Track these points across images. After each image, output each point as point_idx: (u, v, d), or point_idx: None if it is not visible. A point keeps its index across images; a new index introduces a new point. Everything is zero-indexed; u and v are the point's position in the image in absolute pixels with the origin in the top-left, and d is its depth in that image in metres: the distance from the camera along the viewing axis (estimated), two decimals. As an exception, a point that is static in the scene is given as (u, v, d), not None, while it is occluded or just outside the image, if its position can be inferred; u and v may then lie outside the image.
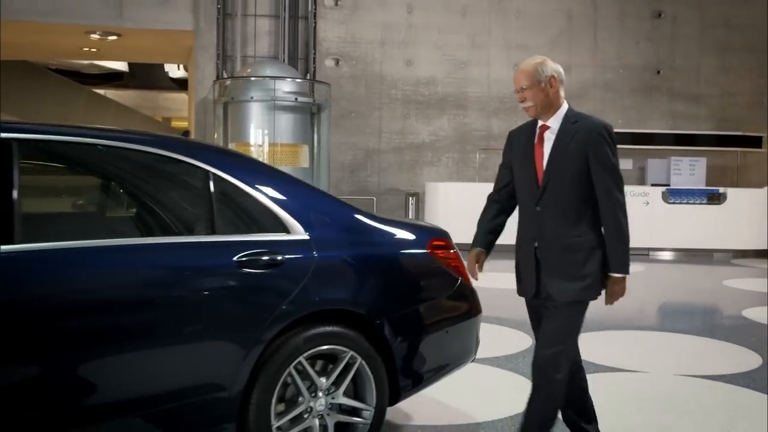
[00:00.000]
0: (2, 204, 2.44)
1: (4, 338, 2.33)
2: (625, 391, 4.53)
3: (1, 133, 2.55)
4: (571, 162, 3.03)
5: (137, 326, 2.63)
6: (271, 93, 11.40)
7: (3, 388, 2.36)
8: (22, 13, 12.83)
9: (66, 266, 2.52)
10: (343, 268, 3.13)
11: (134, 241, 2.83)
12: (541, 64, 3.11)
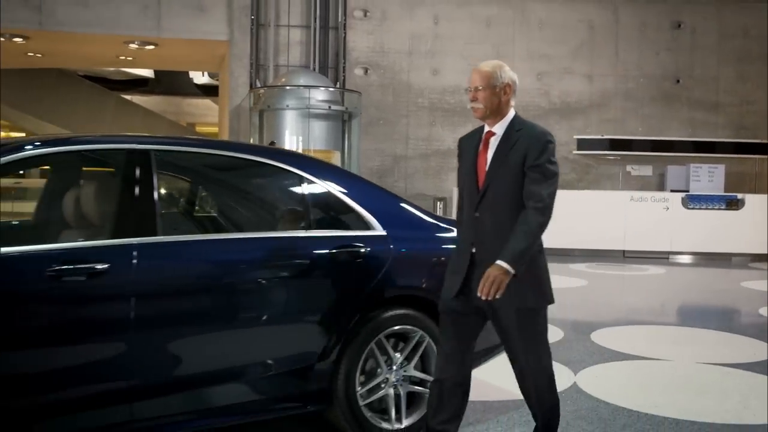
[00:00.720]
0: (148, 204, 3.02)
1: (162, 307, 2.91)
2: (651, 376, 5.05)
3: (142, 145, 3.13)
4: (510, 169, 3.03)
5: (256, 304, 3.21)
6: (306, 101, 11.98)
7: (161, 347, 2.94)
8: (66, 24, 13.48)
9: (203, 254, 3.10)
10: (414, 259, 3.69)
11: (249, 235, 3.41)
12: (500, 69, 3.12)
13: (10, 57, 16.35)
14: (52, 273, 2.72)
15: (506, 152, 3.05)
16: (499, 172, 3.05)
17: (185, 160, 3.36)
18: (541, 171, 2.98)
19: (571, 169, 14.55)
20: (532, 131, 3.09)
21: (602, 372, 5.08)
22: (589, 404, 4.34)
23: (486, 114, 3.13)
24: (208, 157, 3.39)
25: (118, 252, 2.87)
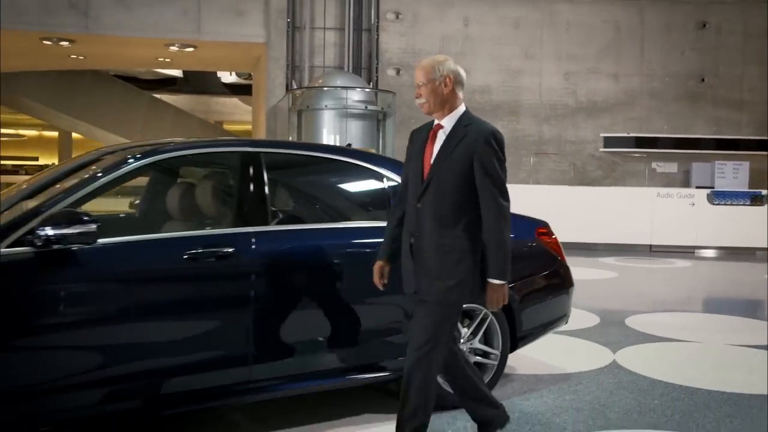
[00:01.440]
0: (261, 197, 3.59)
1: (275, 283, 3.49)
2: (682, 355, 5.57)
3: (253, 148, 3.71)
4: (454, 164, 3.08)
5: (347, 283, 3.78)
6: (343, 102, 12.54)
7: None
8: (110, 28, 14.13)
9: (306, 240, 3.68)
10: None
11: (339, 225, 3.99)
12: (439, 63, 3.18)
13: (54, 59, 17.08)
14: (190, 255, 3.30)
15: (452, 147, 3.10)
16: (444, 166, 3.10)
17: (288, 161, 3.93)
18: (491, 173, 3.05)
19: (598, 166, 15.03)
20: (481, 128, 3.13)
21: (638, 351, 5.61)
22: (628, 378, 4.87)
23: (431, 108, 3.20)
24: (305, 158, 3.98)
25: (241, 238, 3.45)
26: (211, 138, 3.73)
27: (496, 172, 3.06)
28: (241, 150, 3.68)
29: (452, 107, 3.20)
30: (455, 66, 3.21)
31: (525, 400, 4.34)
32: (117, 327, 3.15)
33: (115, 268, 3.15)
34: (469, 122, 3.16)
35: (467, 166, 3.06)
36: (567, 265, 4.76)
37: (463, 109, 3.22)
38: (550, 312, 4.63)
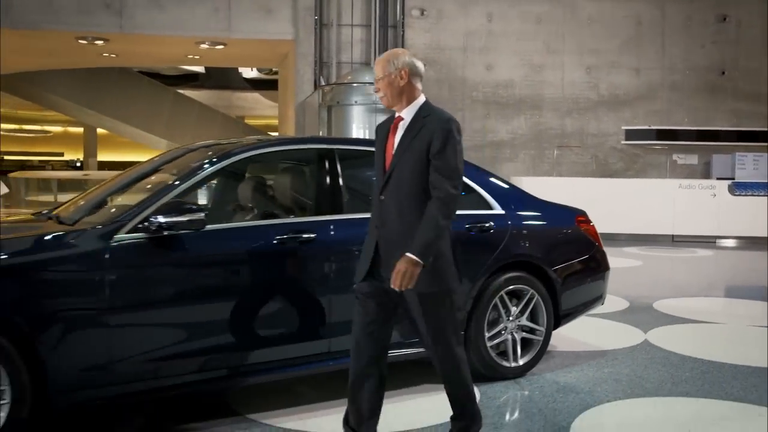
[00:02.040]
0: (336, 189, 4.06)
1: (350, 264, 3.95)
2: (709, 334, 6.00)
3: (328, 145, 4.17)
4: (414, 154, 3.10)
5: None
6: (372, 97, 12.98)
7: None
8: (144, 27, 14.62)
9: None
10: (527, 233, 4.69)
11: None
12: (395, 57, 3.20)
13: (86, 57, 17.64)
14: (279, 240, 3.77)
15: (411, 138, 3.13)
16: (404, 157, 3.13)
17: (356, 156, 4.39)
18: (443, 160, 3.06)
19: (619, 158, 15.41)
20: (438, 118, 3.14)
21: (667, 331, 6.04)
22: (660, 354, 5.30)
23: (390, 101, 3.23)
24: (371, 152, 4.43)
25: (321, 225, 3.92)
26: (291, 136, 4.14)
27: (447, 159, 3.07)
28: (318, 147, 4.16)
29: (411, 99, 3.20)
30: (411, 59, 3.21)
31: (567, 373, 4.78)
32: (217, 303, 3.63)
33: (217, 251, 3.63)
34: (428, 113, 3.17)
35: (425, 157, 3.09)
36: (603, 251, 5.20)
37: (423, 100, 3.23)
38: (588, 293, 5.07)
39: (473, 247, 4.44)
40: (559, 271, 4.76)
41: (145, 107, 24.11)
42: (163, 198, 3.56)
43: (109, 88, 23.22)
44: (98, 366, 3.33)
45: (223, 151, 3.92)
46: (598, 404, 4.18)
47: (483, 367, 4.49)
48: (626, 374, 4.79)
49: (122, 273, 3.38)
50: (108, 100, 23.42)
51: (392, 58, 3.20)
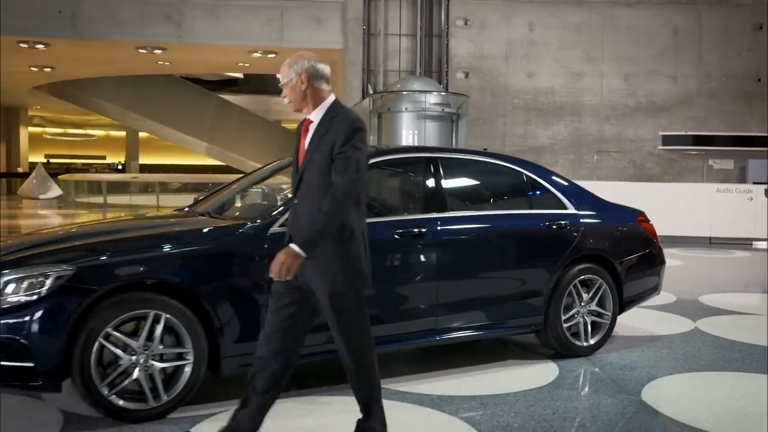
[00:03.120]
0: (441, 192, 4.85)
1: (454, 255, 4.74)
2: (754, 323, 6.69)
3: (433, 153, 4.97)
4: (322, 155, 3.13)
5: (503, 255, 5.02)
6: (421, 105, 13.77)
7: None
8: (201, 37, 15.56)
9: (473, 223, 4.91)
10: (596, 230, 5.45)
11: (497, 212, 5.23)
12: (294, 62, 3.24)
13: (142, 65, 18.60)
14: (398, 233, 4.57)
15: (319, 139, 3.17)
16: (313, 159, 3.17)
17: (455, 162, 5.17)
18: (344, 158, 3.09)
19: (656, 163, 16.08)
20: (343, 118, 3.18)
21: (714, 321, 6.75)
22: (710, 339, 6.03)
23: (297, 105, 3.28)
24: (467, 160, 5.24)
25: (430, 221, 4.70)
26: (403, 146, 4.95)
27: (346, 156, 3.09)
28: (426, 155, 4.96)
29: (318, 101, 3.25)
30: (311, 63, 3.24)
31: (630, 352, 5.52)
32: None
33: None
34: (336, 113, 3.21)
35: (331, 158, 3.13)
36: (660, 247, 5.94)
37: (331, 101, 3.27)
38: (646, 283, 5.81)
39: (552, 242, 5.21)
40: (623, 264, 5.51)
41: (189, 112, 25.07)
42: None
43: (154, 93, 24.22)
44: (256, 336, 4.12)
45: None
46: (661, 377, 4.92)
47: (559, 346, 5.25)
48: (682, 354, 5.52)
49: (277, 259, 4.18)
50: (154, 105, 24.42)
51: (292, 63, 3.24)
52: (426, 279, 4.68)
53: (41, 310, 3.68)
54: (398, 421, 3.97)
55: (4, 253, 4.15)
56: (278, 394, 3.40)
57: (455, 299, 4.78)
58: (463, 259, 4.85)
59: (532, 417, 4.05)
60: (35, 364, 3.67)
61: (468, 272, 4.86)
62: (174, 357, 3.94)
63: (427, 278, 4.68)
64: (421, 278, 4.67)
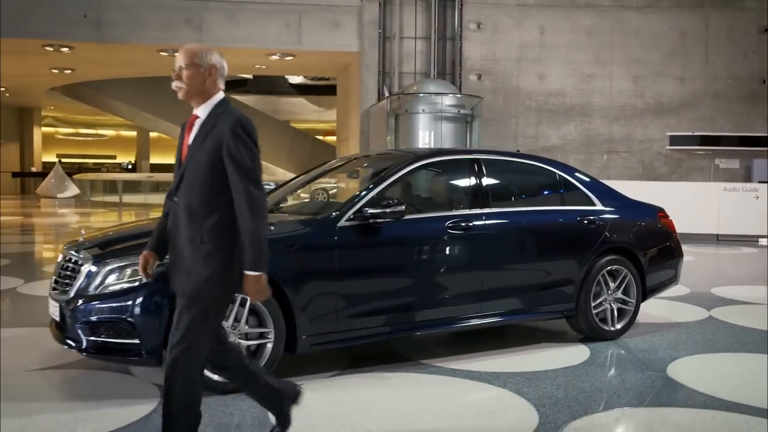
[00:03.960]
0: (483, 190, 5.41)
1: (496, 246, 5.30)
2: (762, 313, 7.24)
3: (476, 155, 5.53)
4: (204, 154, 3.04)
5: (539, 247, 5.57)
6: (438, 106, 14.33)
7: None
8: (221, 40, 16.05)
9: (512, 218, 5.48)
10: (621, 224, 6.01)
11: (533, 208, 5.79)
12: (207, 51, 3.14)
13: (161, 67, 19.13)
14: (450, 225, 5.13)
15: (204, 136, 3.07)
16: (196, 157, 3.07)
17: (494, 163, 5.72)
18: (238, 161, 3.00)
19: (664, 162, 16.65)
20: (229, 116, 3.07)
21: (727, 310, 7.30)
22: (724, 326, 6.59)
23: (189, 95, 3.13)
24: (504, 161, 5.81)
25: (476, 217, 5.26)
26: (448, 148, 5.50)
27: (243, 160, 3.02)
28: (469, 157, 5.53)
29: (209, 96, 3.15)
30: (221, 59, 3.20)
31: (653, 337, 6.08)
32: (407, 273, 4.99)
33: (410, 234, 4.99)
34: (222, 110, 3.11)
35: (217, 156, 3.02)
36: (678, 240, 6.51)
37: (220, 97, 3.18)
38: (666, 274, 6.37)
39: (582, 236, 5.77)
40: (646, 256, 6.08)
41: (202, 112, 25.59)
42: (369, 195, 4.92)
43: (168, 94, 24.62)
44: (328, 318, 4.68)
45: (408, 159, 5.28)
46: (683, 357, 5.48)
47: (589, 330, 5.82)
48: (700, 338, 6.09)
49: (344, 249, 4.74)
50: (167, 105, 24.95)
51: (205, 51, 3.15)
52: (472, 268, 5.24)
53: (145, 294, 4.23)
54: (456, 392, 4.55)
55: (93, 245, 4.71)
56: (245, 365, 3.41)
57: (497, 286, 5.35)
58: (504, 251, 5.42)
59: (572, 389, 4.61)
60: (140, 341, 4.22)
61: (508, 262, 5.43)
62: (256, 336, 4.49)
63: (473, 267, 5.24)
64: (468, 267, 5.23)
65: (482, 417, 4.11)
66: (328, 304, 4.67)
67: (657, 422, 4.15)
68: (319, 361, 5.11)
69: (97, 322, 4.30)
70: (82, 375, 4.87)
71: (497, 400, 4.42)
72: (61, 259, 4.78)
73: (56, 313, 4.54)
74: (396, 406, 4.26)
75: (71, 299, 4.41)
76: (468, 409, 4.26)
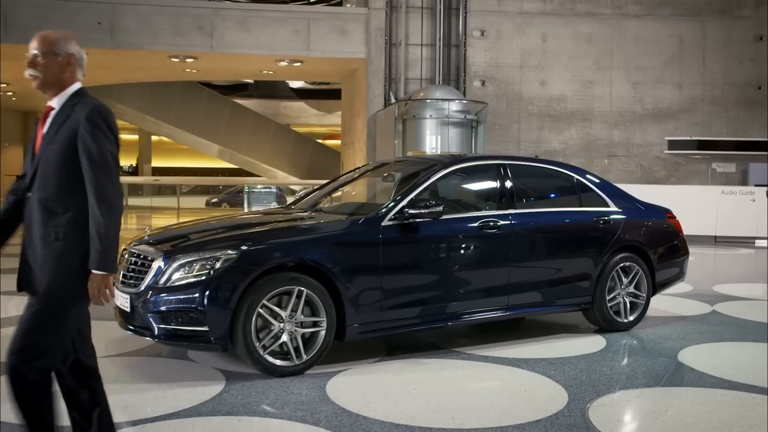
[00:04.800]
0: (510, 192, 5.95)
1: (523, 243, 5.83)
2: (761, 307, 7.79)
3: (502, 161, 6.07)
4: (58, 146, 2.90)
5: (559, 244, 6.11)
6: (444, 112, 14.87)
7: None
8: (232, 47, 16.58)
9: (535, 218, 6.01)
10: (634, 224, 6.55)
11: (553, 209, 6.33)
12: (66, 39, 3.01)
13: (170, 72, 19.62)
14: (480, 225, 5.66)
15: (57, 128, 2.93)
16: (50, 149, 2.93)
17: (518, 168, 6.26)
18: (93, 153, 2.87)
19: (663, 166, 17.24)
20: (84, 105, 2.93)
21: (729, 305, 7.86)
22: (727, 319, 7.14)
23: (44, 84, 3.00)
24: (527, 166, 6.35)
25: (504, 216, 5.80)
26: (476, 154, 6.03)
27: (97, 150, 2.88)
28: (496, 162, 6.06)
29: (65, 86, 3.02)
30: (81, 50, 3.08)
31: (662, 329, 6.62)
32: (442, 268, 5.51)
33: (446, 232, 5.52)
34: (77, 101, 2.97)
35: (72, 148, 2.89)
36: (684, 239, 7.06)
37: (77, 87, 3.03)
38: (674, 270, 6.92)
39: (599, 235, 6.31)
40: (655, 254, 6.63)
41: (207, 116, 26.14)
42: (409, 196, 5.45)
43: (173, 99, 25.29)
44: (373, 309, 5.20)
45: (442, 164, 5.82)
46: (691, 345, 6.02)
47: (604, 322, 6.36)
48: (706, 329, 6.64)
49: (387, 246, 5.26)
50: (172, 110, 25.48)
51: (64, 38, 3.02)
52: (500, 264, 5.78)
53: (214, 286, 4.74)
54: (490, 375, 5.08)
55: (160, 241, 5.22)
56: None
57: (522, 281, 5.88)
58: (529, 248, 5.96)
59: (594, 372, 5.14)
60: (209, 328, 4.73)
61: (532, 259, 5.98)
62: (310, 324, 5.01)
63: (501, 263, 5.78)
64: (496, 263, 5.77)
65: (518, 395, 4.63)
66: (373, 296, 5.19)
67: (672, 399, 4.68)
68: (359, 349, 5.63)
69: (168, 312, 4.81)
70: (146, 361, 5.38)
71: (529, 381, 4.95)
72: (126, 255, 5.29)
73: (126, 304, 5.04)
74: (439, 387, 4.79)
75: (142, 292, 4.91)
76: (504, 388, 4.79)
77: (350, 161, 18.84)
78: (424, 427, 4.00)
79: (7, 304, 7.13)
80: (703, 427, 4.10)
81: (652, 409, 4.47)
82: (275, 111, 32.29)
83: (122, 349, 5.65)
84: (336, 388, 4.69)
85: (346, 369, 5.13)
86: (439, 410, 4.29)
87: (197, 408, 4.31)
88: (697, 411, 4.39)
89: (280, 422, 4.10)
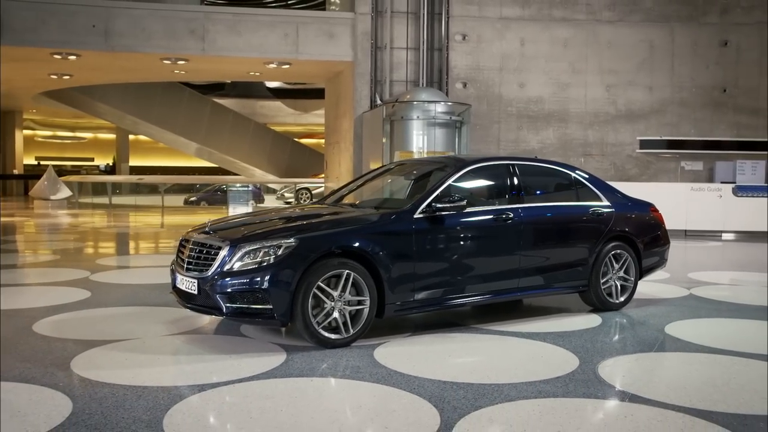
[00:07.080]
0: (519, 188, 6.88)
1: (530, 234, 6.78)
2: (735, 292, 8.84)
3: (510, 161, 7.01)
4: None
5: (560, 234, 7.06)
6: (431, 113, 15.81)
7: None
8: (223, 50, 17.33)
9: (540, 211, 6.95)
10: (624, 216, 7.54)
11: (555, 204, 7.27)
12: None
13: (159, 74, 20.30)
14: (495, 217, 6.59)
15: None
16: None
17: (524, 167, 7.20)
18: None
19: (635, 165, 18.36)
20: None
21: (705, 289, 8.90)
22: (704, 301, 8.16)
23: None
24: (532, 166, 7.30)
25: (514, 210, 6.73)
26: (491, 155, 6.97)
27: None
28: (506, 162, 7.01)
29: None
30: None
31: (647, 308, 7.61)
32: (464, 255, 6.43)
33: (468, 224, 6.43)
34: None
35: None
36: (666, 230, 8.07)
37: None
38: (657, 257, 7.92)
39: (594, 226, 7.28)
40: (642, 242, 7.62)
41: (187, 116, 26.77)
42: (436, 192, 6.36)
43: (155, 99, 25.90)
44: (406, 289, 6.10)
45: (462, 164, 6.75)
46: (675, 321, 7.02)
47: (598, 302, 7.34)
48: (687, 307, 7.65)
49: (419, 235, 6.17)
50: (154, 110, 26.08)
51: None
52: (512, 251, 6.72)
53: (277, 270, 5.60)
54: (507, 347, 6.01)
55: (223, 230, 6.07)
56: None
57: (530, 266, 6.83)
58: (535, 237, 6.90)
59: (597, 342, 6.11)
60: (273, 306, 5.59)
61: (538, 247, 6.92)
62: (356, 303, 5.89)
63: (513, 250, 6.72)
64: (509, 250, 6.71)
65: (536, 360, 5.57)
66: (407, 278, 6.09)
67: (665, 361, 5.67)
68: (392, 327, 6.53)
69: (235, 293, 5.65)
70: (208, 338, 6.22)
71: (543, 349, 5.89)
72: (187, 244, 6.12)
73: (192, 287, 5.87)
74: (469, 354, 5.71)
75: (210, 276, 5.75)
76: (523, 355, 5.73)
77: (335, 160, 19.68)
78: (467, 383, 4.90)
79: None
80: (692, 381, 5.07)
81: (650, 368, 5.45)
82: (252, 110, 32.97)
83: (181, 328, 6.47)
84: (383, 356, 5.58)
85: (386, 342, 6.02)
86: (475, 371, 5.20)
87: (272, 371, 5.16)
88: (686, 369, 5.37)
89: (348, 381, 4.98)
